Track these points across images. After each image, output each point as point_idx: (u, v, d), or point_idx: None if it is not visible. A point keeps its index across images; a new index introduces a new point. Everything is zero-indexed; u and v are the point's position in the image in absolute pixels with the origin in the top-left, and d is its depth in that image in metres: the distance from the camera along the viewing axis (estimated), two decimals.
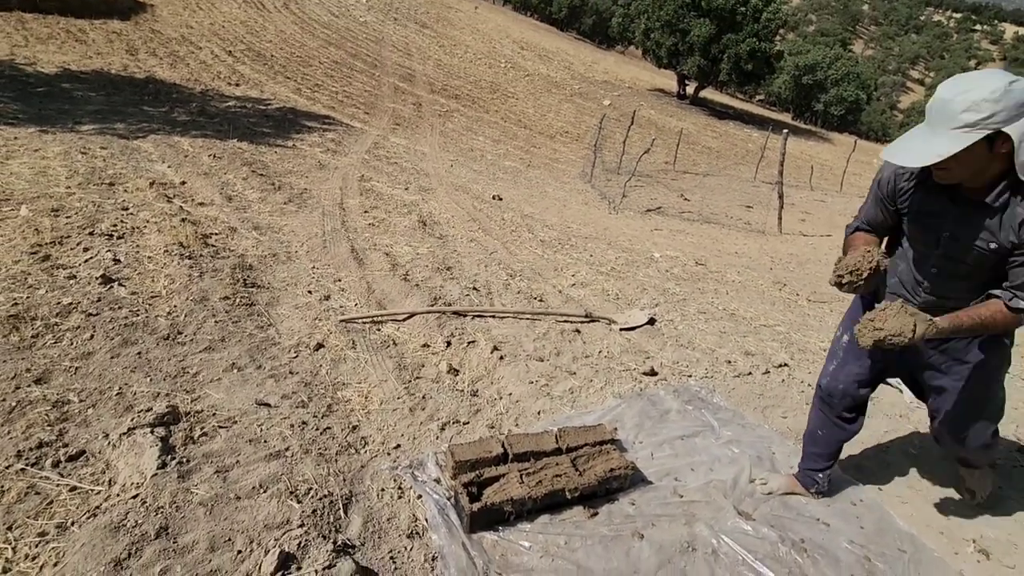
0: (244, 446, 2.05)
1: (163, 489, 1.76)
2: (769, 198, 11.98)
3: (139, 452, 1.87)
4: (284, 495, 1.85)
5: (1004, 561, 2.06)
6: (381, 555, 1.75)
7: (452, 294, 3.80)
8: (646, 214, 9.05)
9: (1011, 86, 1.22)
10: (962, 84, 1.27)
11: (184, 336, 2.70)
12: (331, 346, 2.91)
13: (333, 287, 3.64)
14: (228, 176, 5.57)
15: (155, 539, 1.60)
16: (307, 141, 8.14)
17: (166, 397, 2.23)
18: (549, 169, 12.24)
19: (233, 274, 3.42)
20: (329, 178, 6.41)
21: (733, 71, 28.80)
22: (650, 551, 1.91)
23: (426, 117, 13.83)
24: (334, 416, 2.38)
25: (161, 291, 3.06)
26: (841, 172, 20.09)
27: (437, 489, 2.04)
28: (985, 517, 2.28)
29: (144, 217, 4.02)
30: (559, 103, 21.58)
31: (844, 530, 2.10)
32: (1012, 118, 1.24)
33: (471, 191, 7.68)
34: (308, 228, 4.63)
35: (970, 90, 1.25)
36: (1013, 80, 1.23)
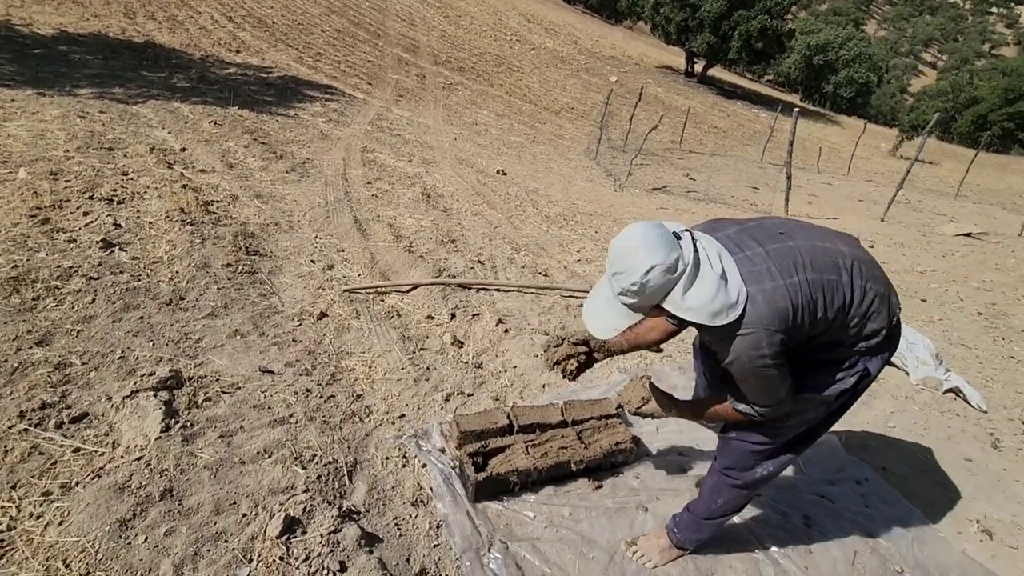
0: (248, 412, 2.04)
1: (167, 452, 1.75)
2: (776, 180, 11.83)
3: (142, 415, 1.86)
4: (289, 461, 1.84)
5: (1007, 541, 2.07)
6: (386, 522, 1.75)
7: (456, 267, 3.76)
8: (651, 193, 8.95)
9: (647, 276, 1.22)
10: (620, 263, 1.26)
11: (186, 302, 2.67)
12: (335, 315, 2.89)
13: (336, 257, 3.60)
14: (229, 144, 5.47)
15: (160, 501, 1.60)
16: (309, 111, 7.99)
17: (169, 362, 2.21)
18: (554, 145, 12.07)
19: (235, 241, 3.38)
20: (332, 148, 6.31)
21: (743, 49, 28.20)
22: (654, 524, 1.91)
23: (430, 89, 13.59)
24: (338, 385, 2.37)
25: (163, 257, 3.02)
26: (849, 155, 19.85)
27: (442, 459, 2.03)
28: (989, 498, 2.28)
29: (144, 183, 3.96)
30: (565, 78, 21.20)
31: (848, 507, 2.10)
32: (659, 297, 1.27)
33: (475, 165, 7.58)
34: (311, 198, 4.56)
35: (623, 272, 1.25)
36: (651, 267, 1.21)
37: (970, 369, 3.48)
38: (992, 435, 2.73)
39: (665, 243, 1.23)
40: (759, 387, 1.36)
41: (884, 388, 3.01)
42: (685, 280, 1.24)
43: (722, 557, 1.83)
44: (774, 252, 1.31)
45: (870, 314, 1.35)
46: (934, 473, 2.39)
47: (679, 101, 23.06)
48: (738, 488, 1.60)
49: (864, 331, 1.36)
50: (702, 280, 1.25)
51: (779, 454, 1.55)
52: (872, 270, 1.39)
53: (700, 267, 1.26)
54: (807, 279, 1.29)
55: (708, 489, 1.67)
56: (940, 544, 2.01)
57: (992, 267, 6.63)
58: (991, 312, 4.83)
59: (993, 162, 28.21)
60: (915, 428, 2.70)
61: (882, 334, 1.37)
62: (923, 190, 15.75)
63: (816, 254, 1.33)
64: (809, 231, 1.42)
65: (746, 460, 1.56)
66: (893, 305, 1.40)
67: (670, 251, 1.22)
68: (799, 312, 1.27)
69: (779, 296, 1.26)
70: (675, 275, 1.23)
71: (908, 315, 4.38)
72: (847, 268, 1.34)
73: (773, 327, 1.25)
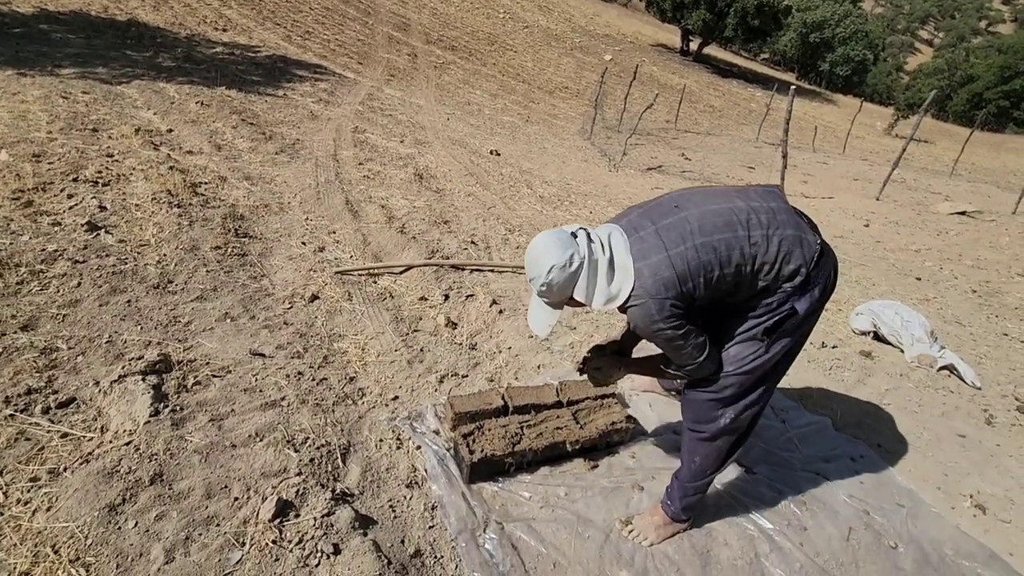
0: (239, 395, 2.01)
1: (157, 436, 1.72)
2: (771, 159, 11.76)
3: (131, 400, 1.82)
4: (281, 444, 1.81)
5: (1000, 516, 2.08)
6: (380, 504, 1.73)
7: (450, 248, 3.72)
8: (647, 172, 8.87)
9: (549, 275, 1.41)
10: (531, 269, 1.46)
11: (175, 285, 2.63)
12: (326, 297, 2.85)
13: (328, 239, 3.55)
14: (217, 124, 5.36)
15: (150, 485, 1.57)
16: (298, 91, 7.84)
17: (157, 345, 2.17)
18: (548, 125, 11.93)
19: (224, 224, 3.31)
20: (322, 129, 6.20)
21: (739, 27, 27.84)
22: (650, 502, 1.91)
23: (421, 69, 13.36)
24: (330, 367, 2.34)
25: (150, 239, 2.96)
26: (844, 134, 19.74)
27: (436, 440, 2.01)
28: (982, 473, 2.30)
29: (130, 164, 3.87)
30: (559, 57, 20.90)
31: (843, 484, 2.11)
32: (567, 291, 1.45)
33: (468, 145, 7.48)
34: (301, 179, 4.48)
35: (534, 277, 1.45)
36: (550, 267, 1.40)
37: (964, 346, 3.49)
38: (986, 411, 2.74)
39: (560, 245, 1.42)
40: (669, 350, 1.51)
41: (879, 366, 3.01)
42: (586, 271, 1.43)
43: (717, 535, 1.84)
44: (664, 227, 1.44)
45: (780, 257, 1.43)
46: (928, 449, 2.40)
47: (674, 80, 22.82)
48: (708, 440, 1.66)
49: (782, 273, 1.44)
50: (594, 270, 1.43)
51: (737, 400, 1.60)
52: (776, 216, 1.46)
53: (593, 255, 1.44)
54: (695, 244, 1.40)
55: (685, 452, 1.73)
56: (934, 519, 2.02)
57: (986, 245, 6.64)
58: (985, 290, 4.84)
59: (988, 140, 28.18)
60: (910, 405, 2.70)
61: (802, 272, 1.45)
62: (918, 169, 15.71)
63: (707, 218, 1.44)
64: (705, 197, 1.51)
65: (706, 411, 1.63)
66: (808, 244, 1.47)
67: (565, 250, 1.41)
68: (688, 277, 1.39)
69: (663, 267, 1.40)
70: (572, 269, 1.42)
71: (903, 293, 4.39)
72: (743, 223, 1.44)
73: (660, 295, 1.39)
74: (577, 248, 1.43)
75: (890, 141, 24.19)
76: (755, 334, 1.52)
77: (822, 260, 1.49)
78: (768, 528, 1.88)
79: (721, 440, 1.65)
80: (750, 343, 1.53)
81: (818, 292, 1.51)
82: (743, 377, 1.55)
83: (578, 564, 1.67)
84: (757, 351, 1.53)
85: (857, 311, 3.44)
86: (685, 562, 1.73)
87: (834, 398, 2.66)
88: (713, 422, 1.63)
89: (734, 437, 1.68)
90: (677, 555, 1.75)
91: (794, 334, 1.56)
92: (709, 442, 1.66)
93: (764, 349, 1.53)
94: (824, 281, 1.51)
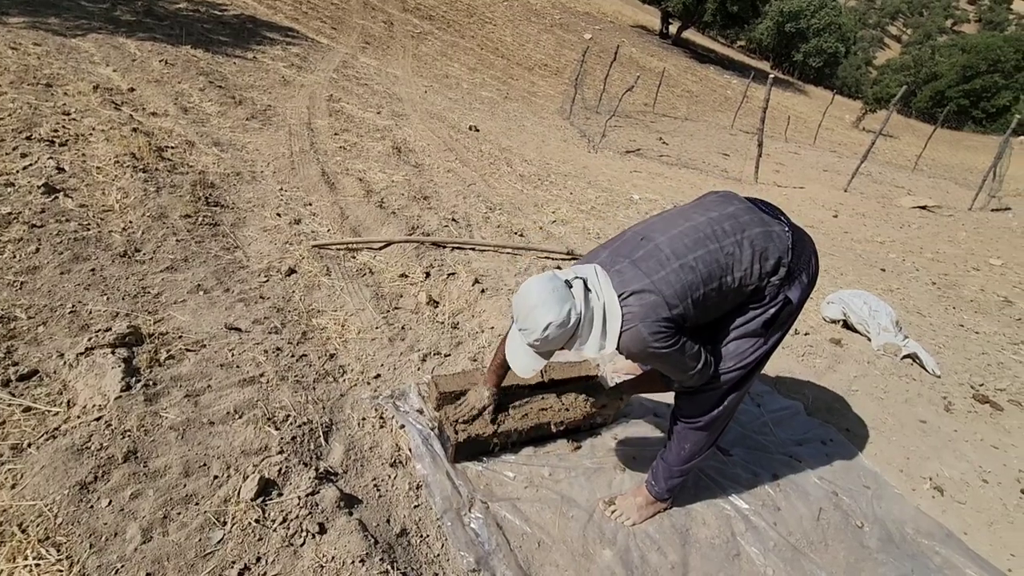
0: (215, 370, 1.94)
1: (129, 412, 1.65)
2: (746, 147, 11.94)
3: (100, 373, 1.74)
4: (261, 421, 1.76)
5: (956, 497, 2.20)
6: (364, 483, 1.71)
7: (430, 224, 3.65)
8: (625, 155, 8.88)
9: (545, 332, 1.37)
10: (523, 320, 1.41)
11: (143, 254, 2.50)
12: (304, 272, 2.76)
13: (304, 211, 3.43)
14: (183, 86, 5.08)
15: (123, 463, 1.51)
16: (269, 54, 7.49)
17: (126, 317, 2.07)
18: (527, 103, 11.78)
19: (194, 191, 3.16)
20: (295, 96, 5.96)
21: (718, 12, 27.92)
22: (632, 483, 1.94)
23: (398, 38, 12.96)
24: (310, 343, 2.28)
25: (114, 205, 2.80)
26: (815, 125, 20.16)
27: (420, 420, 1.99)
28: (941, 457, 2.41)
29: (89, 124, 3.64)
30: (539, 33, 20.58)
31: (814, 467, 2.19)
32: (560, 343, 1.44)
33: (447, 120, 7.32)
34: (274, 147, 4.31)
35: (527, 329, 1.41)
36: (547, 324, 1.36)
37: (925, 336, 3.64)
38: (945, 398, 2.88)
39: (557, 299, 1.38)
40: (667, 368, 1.52)
41: (848, 353, 3.12)
42: (584, 326, 1.41)
43: (696, 515, 1.88)
44: (639, 259, 1.45)
45: (756, 257, 1.46)
46: (892, 434, 2.51)
47: (653, 63, 22.78)
48: (700, 429, 1.69)
49: (764, 270, 1.47)
50: (590, 323, 1.42)
51: (731, 393, 1.63)
52: (738, 220, 1.49)
53: (590, 307, 1.41)
54: (673, 268, 1.41)
55: (675, 439, 1.75)
56: (896, 500, 2.12)
57: (945, 240, 6.92)
58: (943, 282, 5.05)
59: (948, 137, 29.22)
60: (876, 392, 2.81)
61: (784, 264, 1.49)
62: (883, 163, 16.20)
63: (677, 241, 1.46)
64: (666, 224, 1.53)
65: (701, 406, 1.65)
66: (778, 236, 1.50)
67: (563, 305, 1.38)
68: (677, 300, 1.40)
69: (648, 294, 1.40)
70: (570, 325, 1.39)
71: (868, 284, 4.54)
72: (711, 236, 1.46)
73: (649, 318, 1.39)
74: (574, 303, 1.39)
75: (858, 134, 24.84)
76: (754, 329, 1.54)
77: (798, 247, 1.52)
78: (744, 508, 1.93)
79: (712, 427, 1.69)
80: (750, 338, 1.56)
81: (806, 278, 1.55)
82: (742, 371, 1.58)
83: (562, 543, 1.69)
84: (757, 344, 1.56)
85: (828, 300, 3.55)
86: (665, 541, 1.77)
87: (806, 384, 2.74)
88: (707, 413, 1.65)
89: (725, 422, 1.71)
90: (658, 534, 1.78)
91: (787, 324, 1.59)
92: (701, 430, 1.69)
93: (763, 341, 1.56)
94: (807, 267, 1.55)
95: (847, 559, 1.84)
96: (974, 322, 4.14)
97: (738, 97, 19.71)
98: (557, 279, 1.42)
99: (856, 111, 30.31)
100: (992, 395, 3.00)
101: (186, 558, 1.34)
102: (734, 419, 2.31)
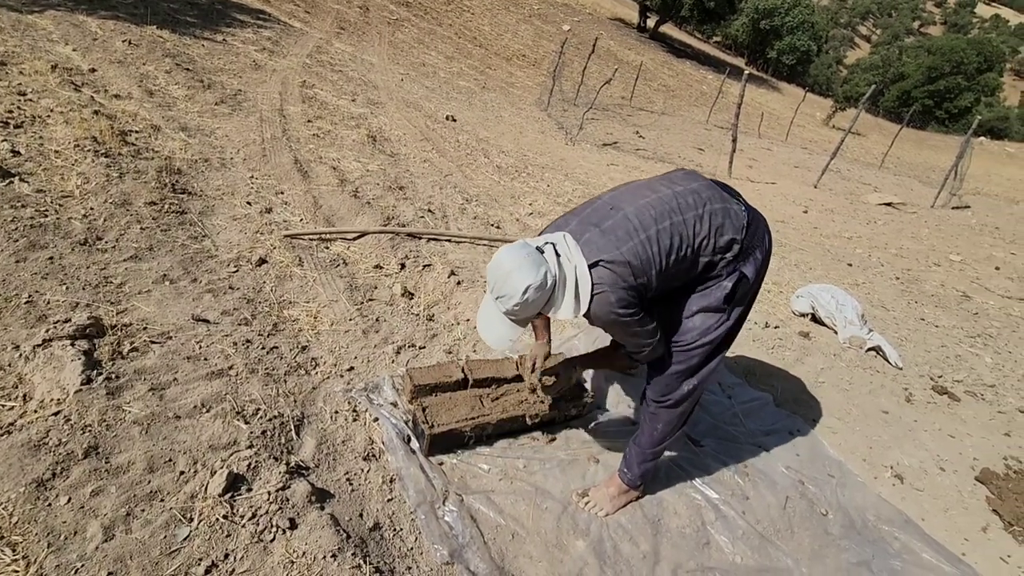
0: (182, 363, 1.88)
1: (90, 406, 1.59)
2: (720, 142, 12.10)
3: (58, 366, 1.67)
4: (230, 415, 1.72)
5: (915, 485, 2.28)
6: (337, 477, 1.69)
7: (406, 215, 3.60)
8: (602, 148, 8.91)
9: (525, 295, 1.40)
10: (500, 287, 1.43)
11: (105, 242, 2.41)
12: (275, 262, 2.70)
13: (275, 200, 3.35)
14: (148, 67, 4.90)
15: (83, 459, 1.45)
16: (239, 37, 7.27)
17: (87, 308, 1.99)
18: (505, 93, 11.70)
19: (159, 178, 3.06)
20: (266, 81, 5.80)
21: (695, 7, 28.11)
22: (605, 474, 1.96)
23: (374, 24, 12.71)
24: (281, 335, 2.23)
25: (74, 191, 2.69)
26: (787, 122, 20.54)
27: (394, 413, 1.97)
28: (901, 446, 2.50)
29: (47, 105, 3.48)
30: (517, 23, 20.42)
31: (782, 456, 2.24)
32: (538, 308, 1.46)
33: (423, 109, 7.22)
34: (244, 134, 4.19)
35: (505, 296, 1.43)
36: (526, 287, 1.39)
37: (888, 329, 3.76)
38: (906, 390, 2.98)
39: (532, 263, 1.41)
40: (624, 336, 1.57)
41: (816, 346, 3.20)
42: (559, 288, 1.45)
43: (667, 504, 1.92)
44: (608, 228, 1.50)
45: (714, 231, 1.52)
46: (856, 424, 2.59)
47: (631, 56, 22.85)
48: (670, 408, 1.73)
49: (718, 245, 1.53)
50: (563, 285, 1.45)
51: (701, 368, 1.67)
52: (700, 195, 1.55)
53: (563, 271, 1.45)
54: (640, 240, 1.47)
55: (646, 421, 1.79)
56: (859, 488, 2.19)
57: (908, 236, 7.14)
58: (907, 277, 5.22)
59: (913, 137, 30.09)
60: (841, 383, 2.89)
61: (738, 241, 1.55)
62: (851, 160, 16.60)
63: (644, 212, 1.51)
64: (633, 194, 1.58)
65: (670, 384, 1.69)
66: (735, 213, 1.57)
67: (538, 268, 1.41)
68: (642, 271, 1.46)
69: (618, 262, 1.45)
70: (547, 288, 1.43)
71: (836, 278, 4.66)
72: (675, 209, 1.52)
73: (618, 285, 1.45)
74: (548, 266, 1.43)
75: (828, 132, 25.40)
76: (716, 304, 1.60)
77: (752, 226, 1.59)
78: (714, 498, 1.97)
79: (683, 405, 1.72)
80: (714, 313, 1.61)
81: (760, 255, 1.62)
82: (708, 347, 1.62)
83: (536, 535, 1.70)
84: (721, 319, 1.61)
85: (797, 293, 3.63)
86: (638, 531, 1.79)
87: (775, 375, 2.80)
88: (676, 390, 1.69)
89: (695, 401, 1.75)
90: (630, 524, 1.81)
91: (746, 300, 1.66)
92: (672, 409, 1.73)
93: (727, 316, 1.62)
94: (760, 244, 1.62)
95: (812, 546, 1.90)
96: (934, 316, 4.30)
97: (713, 92, 19.94)
98: (528, 246, 1.46)
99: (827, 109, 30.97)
100: (950, 386, 3.12)
101: (150, 556, 1.31)
102: (706, 410, 2.37)
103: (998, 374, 3.47)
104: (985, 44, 39.46)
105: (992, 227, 8.83)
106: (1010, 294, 5.28)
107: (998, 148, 32.12)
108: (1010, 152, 31.99)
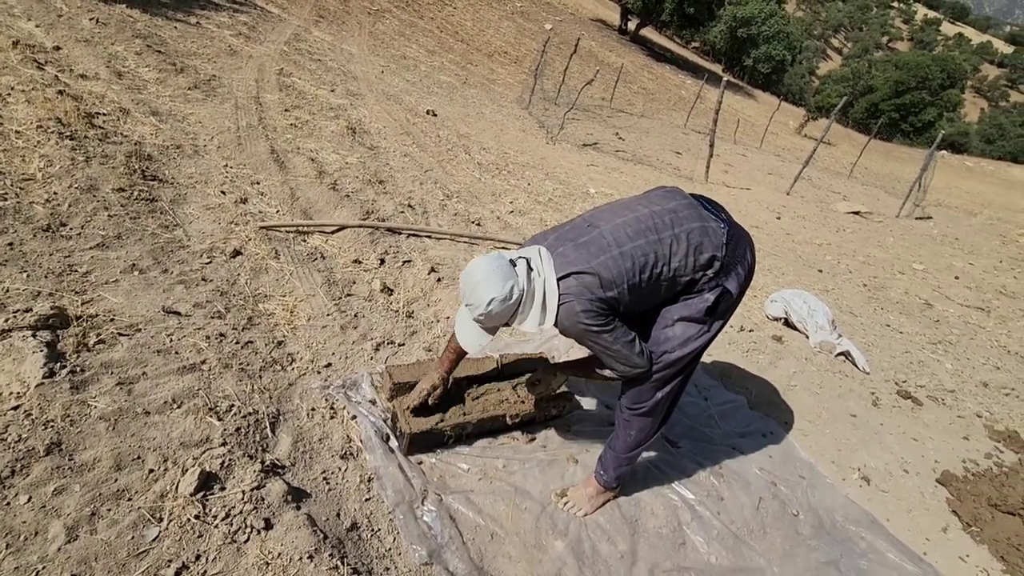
0: (151, 357, 1.81)
1: (52, 401, 1.52)
2: (697, 147, 12.28)
3: (18, 358, 1.59)
4: (202, 411, 1.67)
5: (881, 486, 2.36)
6: (314, 476, 1.65)
7: (386, 210, 3.55)
8: (583, 148, 8.94)
9: (488, 307, 1.45)
10: (469, 296, 1.49)
11: (69, 229, 2.31)
12: (250, 254, 2.63)
13: (251, 190, 3.26)
14: (116, 48, 4.71)
15: (45, 456, 1.39)
16: (214, 20, 7.06)
17: (50, 297, 1.90)
18: (486, 90, 11.64)
19: (128, 163, 2.94)
20: (242, 67, 5.64)
21: (676, 12, 28.44)
22: (584, 474, 1.96)
23: (354, 13, 12.50)
24: (256, 330, 2.17)
25: (36, 174, 2.57)
26: (762, 129, 20.97)
27: (373, 410, 1.94)
28: (868, 449, 2.58)
29: (7, 83, 3.31)
30: (499, 19, 20.35)
31: (755, 458, 2.28)
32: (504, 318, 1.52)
33: (404, 102, 7.14)
34: (219, 121, 4.07)
35: (472, 304, 1.49)
36: (490, 299, 1.45)
37: (856, 334, 3.87)
38: (873, 394, 3.07)
39: (500, 275, 1.46)
40: (597, 349, 1.56)
41: (788, 350, 3.27)
42: (525, 302, 1.49)
43: (644, 505, 1.93)
44: (583, 244, 1.54)
45: (691, 250, 1.54)
46: (826, 427, 2.65)
47: (612, 58, 23.01)
48: (644, 415, 1.74)
49: (698, 263, 1.55)
50: (531, 299, 1.50)
51: (675, 377, 1.69)
52: (678, 215, 1.57)
53: (532, 285, 1.50)
54: (613, 255, 1.49)
55: (620, 427, 1.80)
56: (828, 490, 2.24)
57: (875, 244, 7.37)
58: (873, 284, 5.38)
59: (880, 148, 31.08)
60: (812, 387, 2.96)
61: (718, 258, 1.56)
62: (821, 168, 17.05)
63: (620, 231, 1.54)
64: (612, 213, 1.61)
65: (645, 394, 1.70)
66: (714, 231, 1.58)
67: (505, 281, 1.45)
68: (612, 284, 1.48)
69: (587, 275, 1.48)
70: (511, 301, 1.47)
71: (807, 284, 4.78)
72: (651, 228, 1.54)
73: (584, 295, 1.48)
74: (517, 280, 1.48)
75: (800, 140, 26.02)
76: (697, 316, 1.60)
77: (732, 243, 1.59)
78: (690, 498, 2.00)
79: (656, 412, 1.74)
80: (694, 324, 1.61)
81: (742, 271, 1.63)
82: (686, 357, 1.63)
83: (515, 534, 1.69)
84: (701, 330, 1.62)
85: (771, 298, 3.71)
86: (616, 531, 1.80)
87: (750, 379, 2.86)
88: (650, 399, 1.70)
89: (669, 409, 1.78)
90: (608, 524, 1.82)
91: (727, 315, 1.67)
92: (644, 417, 1.74)
93: (707, 327, 1.62)
94: (743, 260, 1.62)
95: (783, 546, 1.94)
96: (899, 322, 4.44)
97: (692, 97, 20.23)
98: (502, 258, 1.50)
99: (800, 118, 31.73)
100: (914, 391, 3.23)
101: (116, 557, 1.25)
102: (682, 412, 2.39)
103: (958, 380, 3.60)
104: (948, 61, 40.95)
105: (952, 238, 9.18)
106: (968, 303, 5.50)
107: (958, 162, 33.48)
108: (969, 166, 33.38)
